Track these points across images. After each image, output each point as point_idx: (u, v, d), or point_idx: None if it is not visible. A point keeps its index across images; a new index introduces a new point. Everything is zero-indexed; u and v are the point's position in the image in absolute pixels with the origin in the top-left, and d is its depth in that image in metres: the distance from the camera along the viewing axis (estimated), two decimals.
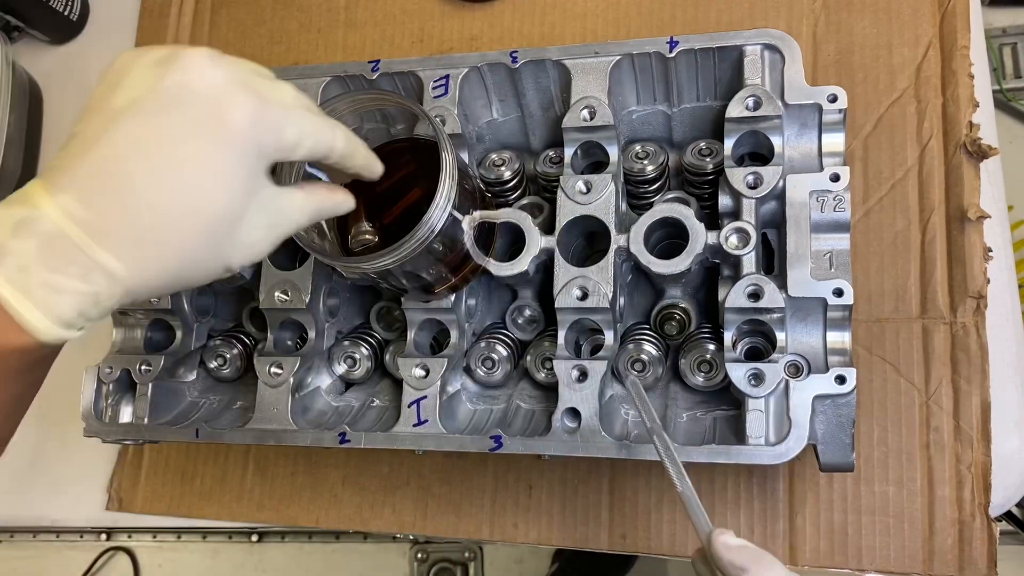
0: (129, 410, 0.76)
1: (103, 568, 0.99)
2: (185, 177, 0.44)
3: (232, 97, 0.45)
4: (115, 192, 0.44)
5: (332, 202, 0.55)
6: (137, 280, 0.45)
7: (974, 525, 0.70)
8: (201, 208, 0.45)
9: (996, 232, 0.75)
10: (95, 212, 0.43)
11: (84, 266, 0.44)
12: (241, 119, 0.45)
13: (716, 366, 0.68)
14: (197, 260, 0.47)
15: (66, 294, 0.44)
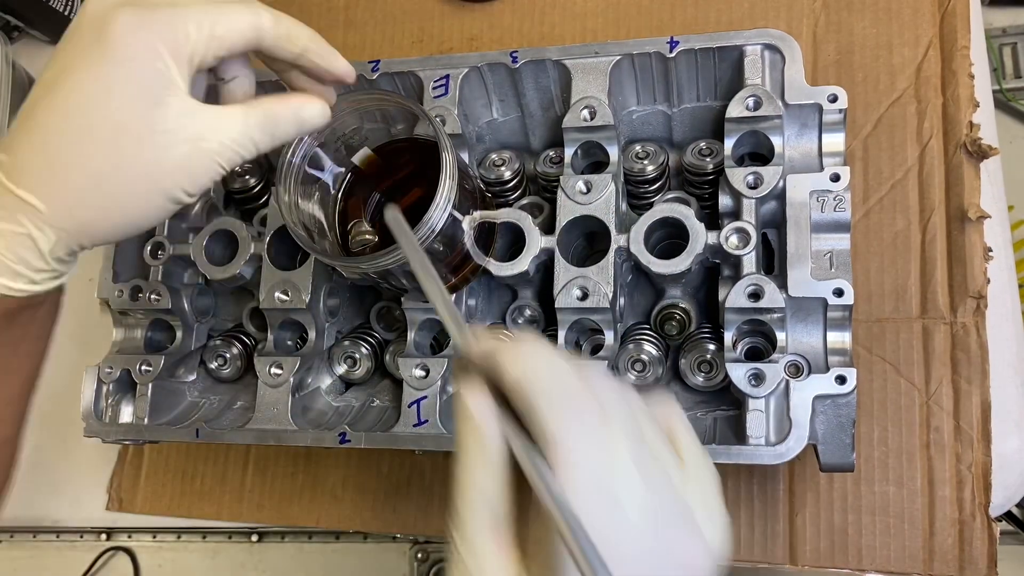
0: (129, 410, 0.76)
1: (103, 568, 0.99)
2: (77, 98, 0.45)
3: (112, 13, 0.45)
4: (26, 132, 0.46)
5: (288, 109, 0.51)
6: (60, 213, 0.46)
7: (974, 525, 0.70)
8: (97, 124, 0.45)
9: (996, 232, 0.75)
10: (14, 154, 0.46)
11: (10, 207, 0.45)
12: (119, 31, 0.45)
13: (716, 366, 0.68)
14: (118, 184, 0.46)
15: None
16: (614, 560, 0.34)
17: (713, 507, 0.41)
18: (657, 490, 0.37)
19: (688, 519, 0.38)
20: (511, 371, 0.37)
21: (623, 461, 0.36)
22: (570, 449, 0.35)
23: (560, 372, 0.37)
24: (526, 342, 0.38)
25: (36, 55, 1.11)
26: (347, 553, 0.94)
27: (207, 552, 0.97)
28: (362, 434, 0.67)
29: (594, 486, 0.35)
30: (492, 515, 0.37)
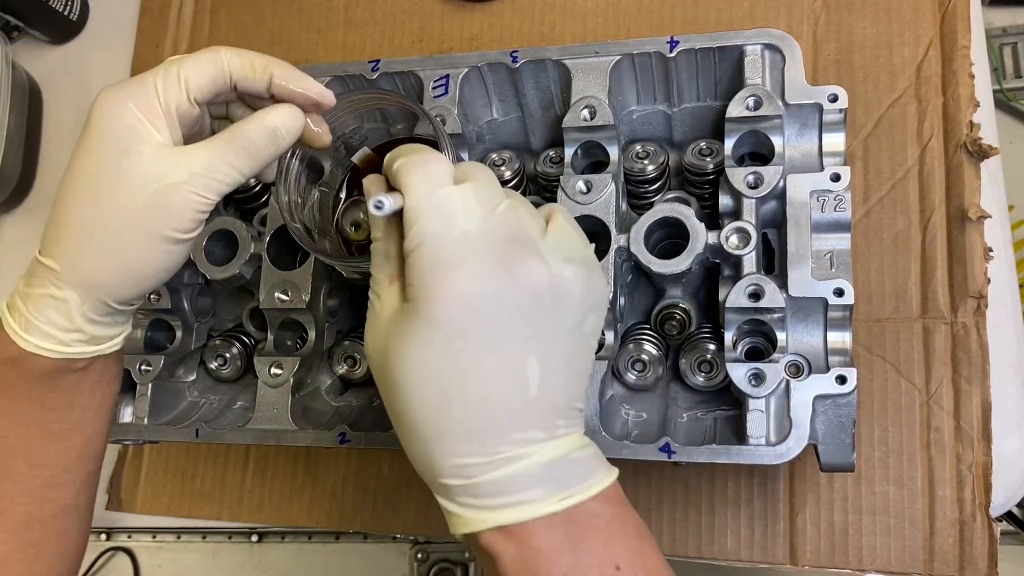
0: (129, 410, 0.76)
1: (103, 568, 0.99)
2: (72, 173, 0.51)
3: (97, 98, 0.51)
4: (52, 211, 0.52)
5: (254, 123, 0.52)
6: (71, 272, 0.51)
7: (975, 525, 0.70)
8: (79, 181, 0.50)
9: (997, 232, 0.75)
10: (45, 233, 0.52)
11: (39, 275, 0.51)
12: (97, 104, 0.50)
13: (716, 366, 0.68)
14: (103, 232, 0.50)
15: (29, 301, 0.51)
16: (443, 261, 0.42)
17: (570, 254, 0.46)
18: (500, 222, 0.44)
19: (527, 242, 0.44)
20: (395, 161, 0.46)
21: (465, 196, 0.43)
22: (411, 182, 0.44)
23: (425, 150, 0.46)
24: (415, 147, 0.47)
25: (36, 55, 1.11)
26: (347, 553, 0.94)
27: (207, 552, 0.97)
28: (362, 434, 0.67)
29: (430, 206, 0.43)
30: (387, 262, 0.47)
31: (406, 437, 0.45)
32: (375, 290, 0.47)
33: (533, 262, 0.43)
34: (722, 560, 0.75)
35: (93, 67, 1.10)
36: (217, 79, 0.51)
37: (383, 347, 0.44)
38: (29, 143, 1.07)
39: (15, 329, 0.52)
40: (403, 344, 0.43)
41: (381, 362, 0.45)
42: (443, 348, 0.42)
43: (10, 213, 1.08)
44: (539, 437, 0.43)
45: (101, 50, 1.10)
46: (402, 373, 0.43)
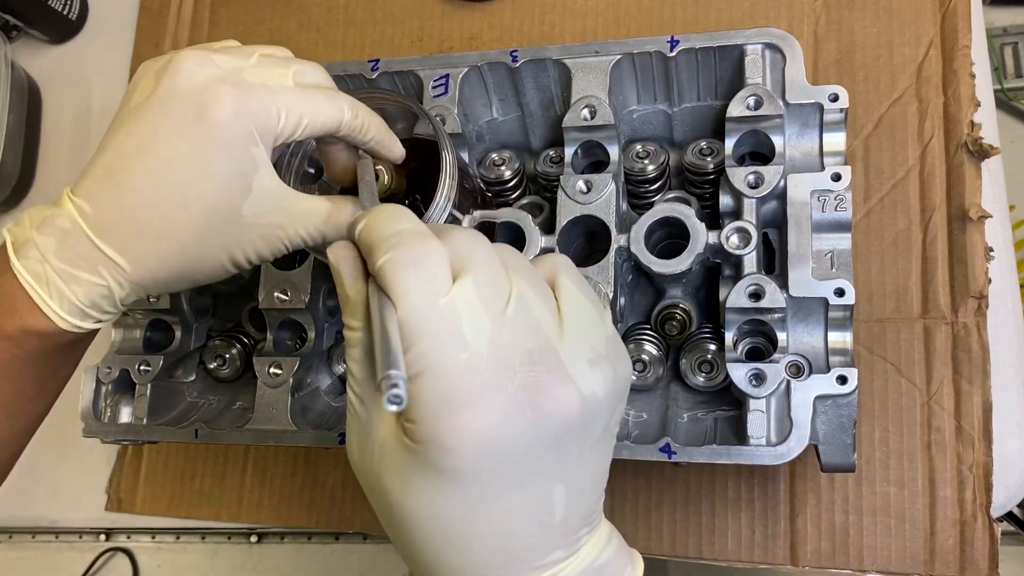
0: (128, 410, 0.76)
1: (102, 569, 0.99)
2: (174, 174, 0.47)
3: (212, 94, 0.47)
4: (115, 191, 0.47)
5: None
6: (141, 273, 0.49)
7: (975, 526, 0.69)
8: (192, 203, 0.47)
9: (997, 232, 0.74)
10: (100, 209, 0.47)
11: (92, 260, 0.48)
12: (220, 114, 0.46)
13: (717, 366, 0.68)
14: (197, 254, 0.49)
15: (76, 284, 0.48)
16: (456, 397, 0.35)
17: (595, 351, 0.40)
18: (512, 331, 0.37)
19: (551, 359, 0.37)
20: (363, 227, 0.40)
21: (468, 301, 0.36)
22: (404, 287, 0.36)
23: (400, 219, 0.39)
24: (381, 205, 0.42)
25: (36, 55, 1.11)
26: (347, 553, 0.94)
27: (206, 553, 0.97)
28: None
29: (432, 322, 0.36)
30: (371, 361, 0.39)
31: (410, 563, 0.41)
32: (356, 392, 0.40)
33: (561, 390, 0.37)
34: (722, 561, 0.75)
35: (93, 67, 1.09)
36: (329, 132, 0.52)
37: (377, 477, 0.39)
38: (28, 143, 1.07)
39: (56, 311, 0.49)
40: (409, 491, 0.38)
41: (376, 490, 0.40)
42: (458, 496, 0.37)
43: (10, 213, 1.08)
44: (562, 556, 0.40)
45: (101, 50, 1.09)
46: (407, 517, 0.38)
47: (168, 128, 0.47)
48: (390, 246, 0.37)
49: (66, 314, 0.49)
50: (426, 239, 0.38)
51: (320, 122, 0.50)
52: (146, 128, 0.48)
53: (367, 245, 0.39)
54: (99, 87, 1.09)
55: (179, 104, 0.47)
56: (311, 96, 0.50)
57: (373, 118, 0.55)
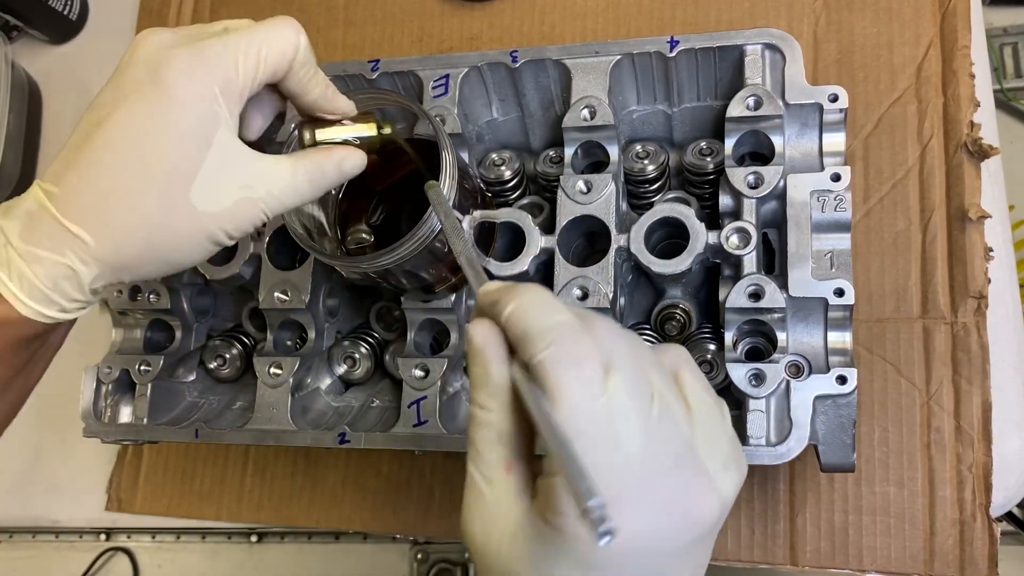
0: (128, 410, 0.76)
1: (102, 568, 0.99)
2: (132, 136, 0.46)
3: (167, 56, 0.46)
4: (78, 165, 0.46)
5: (332, 161, 0.52)
6: (106, 248, 0.47)
7: (975, 525, 0.69)
8: (151, 163, 0.46)
9: (997, 232, 0.74)
10: (65, 188, 0.46)
11: (56, 238, 0.46)
12: (175, 72, 0.45)
13: (717, 366, 0.68)
14: (164, 224, 0.47)
15: (38, 265, 0.46)
16: (613, 499, 0.34)
17: (725, 453, 0.41)
18: (659, 433, 0.37)
19: (694, 463, 0.38)
20: (513, 312, 0.39)
21: (621, 403, 0.36)
22: (564, 386, 0.36)
23: (554, 310, 0.39)
24: (526, 285, 0.40)
25: (36, 55, 1.11)
26: (347, 553, 0.94)
27: (206, 553, 0.97)
28: (362, 434, 0.67)
29: (590, 423, 0.36)
30: (501, 444, 0.39)
31: None
32: (482, 472, 0.40)
33: (708, 498, 0.38)
34: (722, 560, 0.75)
35: (93, 67, 1.10)
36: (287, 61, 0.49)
37: (507, 561, 0.39)
38: (28, 143, 1.07)
39: (15, 292, 0.46)
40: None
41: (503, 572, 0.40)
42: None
43: None
44: None
45: (101, 50, 1.10)
46: None
47: (126, 96, 0.47)
48: (549, 341, 0.37)
49: (27, 297, 0.47)
50: (584, 337, 0.37)
51: (276, 49, 0.48)
52: (107, 100, 0.47)
53: (519, 333, 0.38)
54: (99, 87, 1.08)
55: (136, 72, 0.47)
56: (263, 25, 0.49)
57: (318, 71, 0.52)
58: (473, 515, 0.40)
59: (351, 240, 0.65)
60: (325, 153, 0.53)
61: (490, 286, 0.42)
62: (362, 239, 0.64)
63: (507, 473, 0.40)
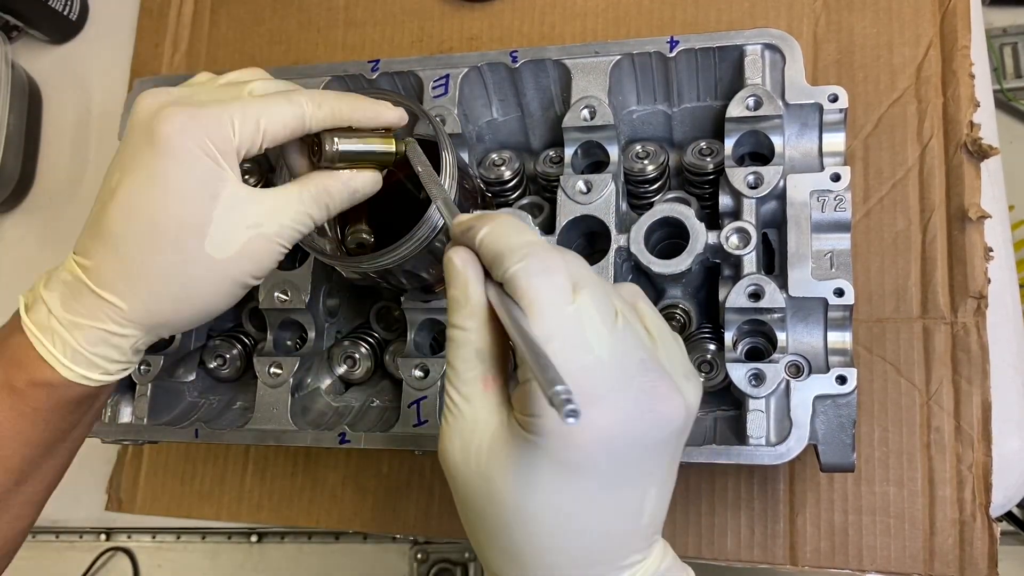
0: (129, 410, 0.76)
1: (102, 568, 0.99)
2: (139, 202, 0.48)
3: (160, 116, 0.47)
4: (101, 236, 0.49)
5: (339, 182, 0.53)
6: (139, 311, 0.49)
7: (975, 525, 0.69)
8: (159, 224, 0.47)
9: (997, 232, 0.74)
10: (94, 259, 0.49)
11: (92, 306, 0.49)
12: (168, 130, 0.47)
13: (717, 366, 0.68)
14: (186, 279, 0.49)
15: (79, 331, 0.49)
16: (585, 395, 0.36)
17: (685, 367, 0.44)
18: (624, 341, 0.40)
19: (658, 369, 0.41)
20: (486, 236, 0.41)
21: (589, 312, 0.39)
22: (536, 293, 0.38)
23: (524, 231, 0.42)
24: (497, 212, 0.43)
25: (36, 55, 1.11)
26: (347, 553, 0.94)
27: (206, 553, 0.97)
28: (362, 434, 0.67)
29: (561, 327, 0.38)
30: (479, 360, 0.42)
31: (497, 561, 0.42)
32: (460, 391, 0.42)
33: (675, 399, 0.40)
34: (722, 560, 0.75)
35: (93, 67, 1.10)
36: (295, 133, 0.51)
37: (486, 471, 0.40)
38: (29, 143, 1.07)
39: (58, 358, 0.49)
40: (523, 484, 0.39)
41: (479, 486, 0.41)
42: (573, 489, 0.39)
43: (10, 213, 1.08)
44: (638, 560, 0.42)
45: (101, 50, 1.10)
46: (515, 509, 0.40)
47: (129, 161, 0.48)
48: (522, 255, 0.39)
49: (70, 361, 0.49)
50: (553, 252, 0.40)
51: (279, 122, 0.49)
52: (116, 167, 0.49)
53: (493, 253, 0.41)
54: (99, 87, 1.09)
55: (137, 136, 0.48)
56: (265, 100, 0.50)
57: (345, 100, 0.53)
58: (451, 434, 0.42)
59: (351, 240, 0.65)
60: (329, 175, 0.53)
61: (463, 217, 0.45)
62: (362, 239, 0.64)
63: (485, 388, 0.41)
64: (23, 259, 1.05)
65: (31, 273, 0.53)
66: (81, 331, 0.49)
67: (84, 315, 0.49)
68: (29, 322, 0.49)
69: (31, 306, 0.50)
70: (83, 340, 0.49)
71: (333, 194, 0.53)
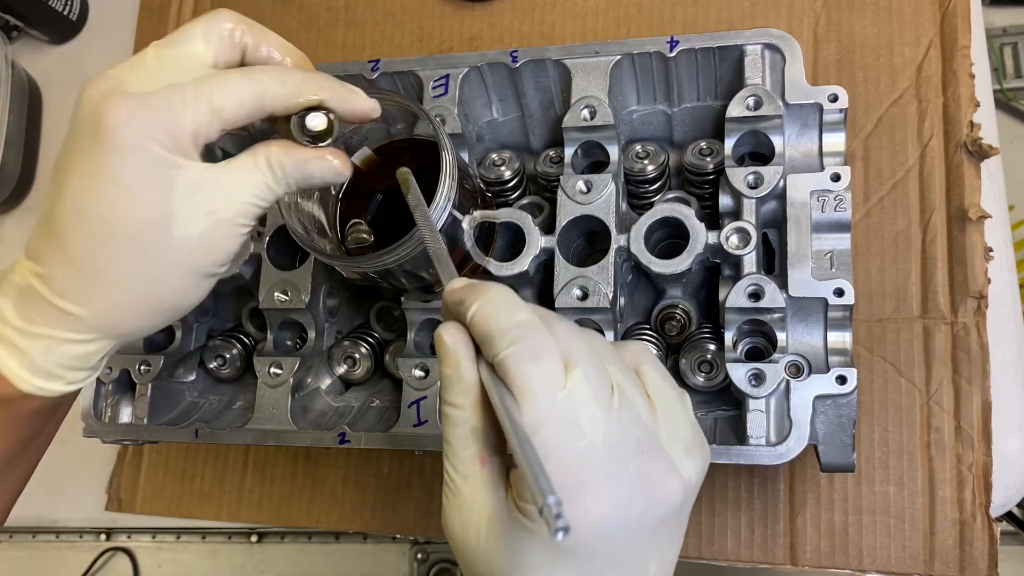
0: (128, 410, 0.76)
1: (102, 568, 0.99)
2: (88, 200, 0.44)
3: (102, 109, 0.43)
4: (52, 238, 0.45)
5: (294, 160, 0.48)
6: (98, 318, 0.46)
7: (975, 525, 0.69)
8: (113, 224, 0.44)
9: (997, 232, 0.74)
10: (47, 265, 0.45)
11: (49, 315, 0.45)
12: (112, 122, 0.43)
13: (716, 366, 0.68)
14: (147, 278, 0.46)
15: (38, 341, 0.45)
16: (578, 484, 0.37)
17: (687, 439, 0.42)
18: (619, 421, 0.39)
19: (656, 448, 0.40)
20: (476, 312, 0.40)
21: (582, 394, 0.38)
22: (527, 381, 0.38)
23: (515, 309, 0.40)
24: (489, 285, 0.41)
25: (36, 55, 1.11)
26: (347, 553, 0.94)
27: (206, 552, 0.97)
28: (362, 434, 0.67)
29: (552, 415, 0.37)
30: (475, 439, 0.41)
31: None
32: (457, 469, 0.41)
33: (670, 479, 0.40)
34: (722, 560, 0.75)
35: (93, 67, 1.09)
36: (254, 110, 0.46)
37: (485, 549, 0.40)
38: (29, 143, 1.07)
39: (14, 371, 0.46)
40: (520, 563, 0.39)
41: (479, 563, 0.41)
42: (569, 572, 0.39)
43: (10, 213, 1.08)
44: None
45: (101, 50, 1.10)
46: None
47: (75, 158, 0.44)
48: (511, 339, 0.39)
49: (28, 373, 0.46)
50: (544, 335, 0.39)
51: (235, 100, 0.45)
52: (61, 164, 0.45)
53: (483, 332, 0.40)
54: None
55: (80, 129, 0.44)
56: (219, 76, 0.45)
57: (312, 79, 0.48)
58: (451, 511, 0.42)
59: (351, 240, 0.65)
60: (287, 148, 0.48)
61: (455, 284, 0.44)
62: (362, 239, 0.64)
63: (481, 467, 0.41)
64: None
65: None
66: (39, 340, 0.45)
67: (41, 324, 0.45)
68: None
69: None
70: (42, 349, 0.46)
71: (289, 168, 0.48)
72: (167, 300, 0.47)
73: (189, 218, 0.45)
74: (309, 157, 0.49)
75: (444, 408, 0.42)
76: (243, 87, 0.46)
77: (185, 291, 0.48)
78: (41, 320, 0.45)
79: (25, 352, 0.46)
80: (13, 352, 0.46)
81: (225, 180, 0.46)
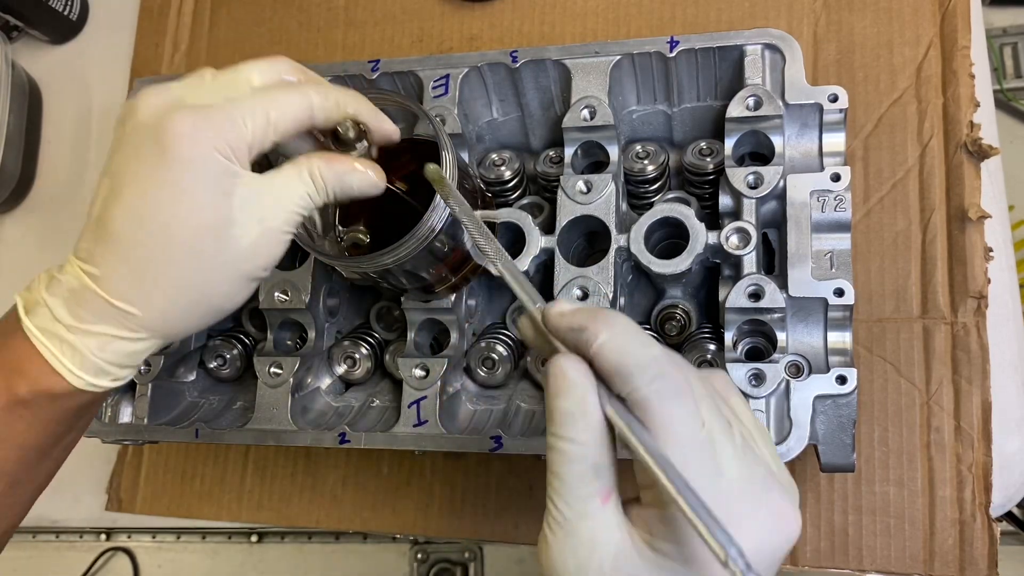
0: (129, 410, 0.76)
1: (102, 568, 0.99)
2: (150, 207, 0.46)
3: (168, 121, 0.46)
4: (107, 243, 0.47)
5: (334, 171, 0.51)
6: (154, 317, 0.48)
7: (975, 525, 0.69)
8: (174, 230, 0.46)
9: (997, 232, 0.74)
10: (103, 268, 0.47)
11: (103, 314, 0.47)
12: (178, 135, 0.45)
13: (717, 366, 0.68)
14: (202, 282, 0.48)
15: (90, 338, 0.47)
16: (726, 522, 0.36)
17: (786, 471, 0.44)
18: (746, 458, 0.40)
19: (778, 483, 0.41)
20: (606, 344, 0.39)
21: (715, 431, 0.39)
22: (671, 420, 0.38)
23: (648, 343, 0.40)
24: (612, 313, 0.41)
25: (36, 55, 1.11)
26: (347, 553, 0.94)
27: (206, 552, 0.97)
28: (362, 434, 0.67)
29: (697, 454, 0.38)
30: (596, 476, 0.40)
31: None
32: (573, 507, 0.40)
33: (795, 515, 0.41)
34: None
35: (93, 67, 1.09)
36: (303, 125, 0.50)
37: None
38: (29, 143, 1.07)
39: (67, 366, 0.47)
40: None
41: None
42: None
43: (10, 213, 1.08)
44: None
45: (101, 50, 1.09)
46: None
47: (136, 167, 0.47)
48: (652, 375, 0.39)
49: (79, 370, 0.48)
50: (681, 370, 0.40)
51: (289, 114, 0.49)
52: (118, 171, 0.47)
53: (616, 366, 0.39)
54: (99, 87, 1.09)
55: (141, 139, 0.47)
56: (271, 93, 0.49)
57: (352, 97, 0.53)
58: (564, 550, 0.40)
59: (347, 240, 0.65)
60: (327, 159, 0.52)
61: (564, 307, 0.42)
62: (358, 239, 0.64)
63: (604, 503, 0.40)
64: (23, 259, 1.05)
65: (31, 273, 0.52)
66: (92, 338, 0.47)
67: (94, 322, 0.47)
68: (32, 327, 0.47)
69: (31, 309, 0.48)
70: (94, 347, 0.48)
71: (330, 179, 0.51)
72: (216, 302, 0.50)
73: (244, 225, 0.48)
74: (348, 169, 0.52)
75: (557, 444, 0.40)
76: (294, 100, 0.49)
77: (232, 294, 0.50)
78: (94, 319, 0.47)
79: (77, 349, 0.47)
80: (65, 349, 0.47)
81: (275, 189, 0.49)
